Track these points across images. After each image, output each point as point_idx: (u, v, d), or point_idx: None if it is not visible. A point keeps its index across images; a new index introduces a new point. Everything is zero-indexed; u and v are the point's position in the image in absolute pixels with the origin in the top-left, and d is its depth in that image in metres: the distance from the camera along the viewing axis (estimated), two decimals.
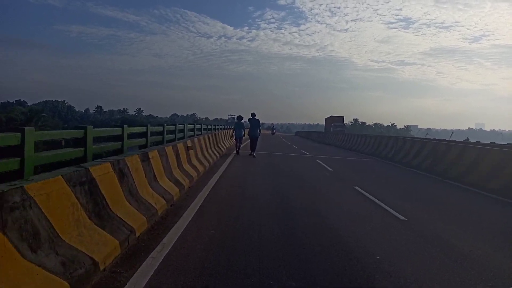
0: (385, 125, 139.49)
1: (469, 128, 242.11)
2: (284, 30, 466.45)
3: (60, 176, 3.04)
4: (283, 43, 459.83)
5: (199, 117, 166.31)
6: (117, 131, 7.95)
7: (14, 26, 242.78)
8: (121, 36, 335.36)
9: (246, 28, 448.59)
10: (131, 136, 8.68)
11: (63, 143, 7.03)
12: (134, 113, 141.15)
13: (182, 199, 6.31)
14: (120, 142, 7.81)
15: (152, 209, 4.84)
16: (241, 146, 16.01)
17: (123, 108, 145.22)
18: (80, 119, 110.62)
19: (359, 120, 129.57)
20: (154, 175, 5.76)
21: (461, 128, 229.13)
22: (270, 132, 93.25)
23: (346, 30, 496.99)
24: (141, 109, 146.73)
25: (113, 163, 4.18)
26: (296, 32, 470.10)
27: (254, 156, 14.82)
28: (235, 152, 15.75)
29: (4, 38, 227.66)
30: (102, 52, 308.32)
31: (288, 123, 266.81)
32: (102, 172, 3.83)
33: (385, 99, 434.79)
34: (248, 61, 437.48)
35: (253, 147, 15.31)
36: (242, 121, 16.30)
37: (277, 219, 5.40)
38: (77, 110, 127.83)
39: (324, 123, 68.11)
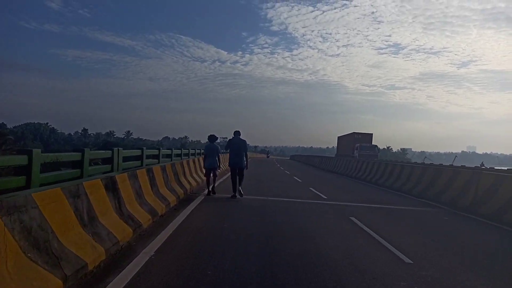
0: (381, 148, 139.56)
1: (462, 151, 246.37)
2: (277, 55, 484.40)
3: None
4: (276, 67, 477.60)
5: (191, 140, 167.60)
6: (75, 156, 6.99)
7: (10, 51, 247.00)
8: (116, 60, 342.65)
9: (240, 52, 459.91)
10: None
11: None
12: (123, 136, 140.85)
13: None
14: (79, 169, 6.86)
15: None
16: (214, 184, 10.77)
17: (110, 131, 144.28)
18: (63, 142, 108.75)
19: None
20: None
21: (454, 151, 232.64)
22: (265, 156, 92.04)
23: (338, 55, 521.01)
24: (130, 132, 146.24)
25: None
26: (289, 56, 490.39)
27: (239, 196, 10.09)
28: (205, 192, 10.44)
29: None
30: (97, 76, 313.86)
31: (282, 146, 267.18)
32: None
33: (376, 122, 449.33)
34: (242, 84, 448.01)
35: (236, 183, 10.22)
36: (217, 142, 11.72)
37: None
38: (60, 132, 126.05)
39: (334, 145, 64.51)
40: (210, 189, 10.43)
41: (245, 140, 10.41)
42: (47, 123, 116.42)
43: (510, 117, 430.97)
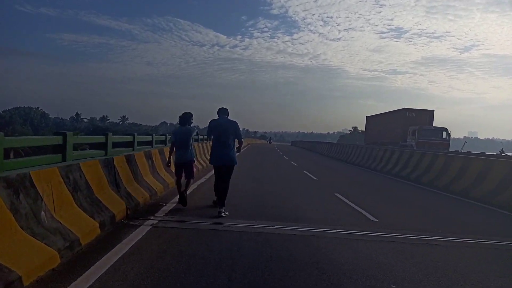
0: None
1: (464, 137, 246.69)
2: (277, 39, 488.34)
3: None
4: (276, 51, 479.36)
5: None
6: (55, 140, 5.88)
7: (5, 35, 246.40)
8: (113, 45, 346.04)
9: (239, 36, 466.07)
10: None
11: None
12: (118, 121, 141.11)
13: None
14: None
15: None
16: (187, 189, 7.01)
17: (104, 116, 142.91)
18: (56, 127, 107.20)
19: (358, 129, 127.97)
20: None
21: (456, 137, 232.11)
22: (265, 142, 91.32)
23: (339, 39, 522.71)
24: (126, 117, 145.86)
25: None
26: (289, 41, 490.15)
27: (224, 214, 6.17)
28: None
29: None
30: (94, 60, 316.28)
31: (282, 132, 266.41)
32: None
33: (377, 107, 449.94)
34: (241, 69, 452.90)
35: (221, 191, 6.43)
36: (193, 125, 7.39)
37: None
38: (51, 117, 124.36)
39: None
40: (183, 190, 6.79)
41: (235, 122, 6.61)
42: (38, 107, 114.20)
43: None
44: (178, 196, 6.85)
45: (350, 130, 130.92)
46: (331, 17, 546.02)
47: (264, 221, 5.86)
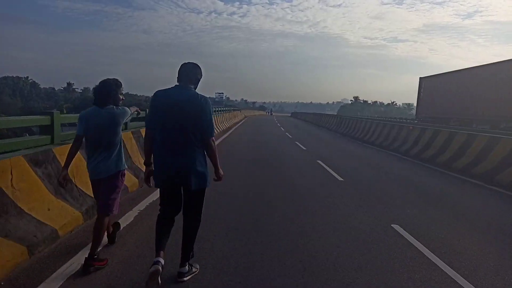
0: (385, 104, 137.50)
1: None
2: (276, 6, 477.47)
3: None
4: (274, 19, 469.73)
5: None
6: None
7: None
8: (108, 12, 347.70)
9: (237, 3, 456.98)
10: None
11: None
12: None
13: None
14: None
15: None
16: (109, 229, 3.77)
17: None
18: (46, 97, 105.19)
19: (359, 98, 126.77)
20: None
21: None
22: (265, 113, 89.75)
23: (339, 5, 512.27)
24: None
25: None
26: (288, 7, 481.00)
27: (185, 278, 3.06)
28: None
29: None
30: (89, 28, 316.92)
31: (280, 102, 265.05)
32: None
33: (377, 76, 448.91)
34: (239, 38, 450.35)
35: (185, 236, 3.18)
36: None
37: None
38: (42, 87, 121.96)
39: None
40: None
41: (206, 100, 3.09)
42: (27, 77, 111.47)
43: None
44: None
45: (351, 100, 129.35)
46: None
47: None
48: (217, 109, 26.16)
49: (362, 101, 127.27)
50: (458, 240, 4.35)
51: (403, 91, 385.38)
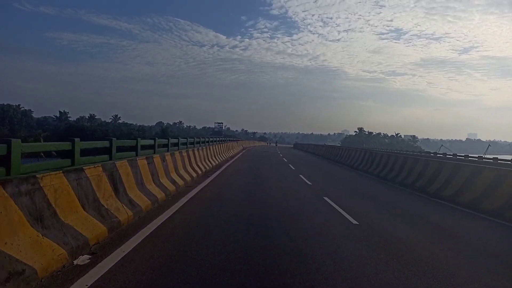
0: (389, 135, 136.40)
1: (467, 139, 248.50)
2: (277, 40, 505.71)
3: None
4: (275, 52, 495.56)
5: (186, 126, 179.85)
6: None
7: (4, 33, 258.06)
8: (113, 44, 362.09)
9: (239, 37, 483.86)
10: None
11: None
12: (110, 120, 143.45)
13: None
14: None
15: None
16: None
17: (91, 114, 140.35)
18: (37, 126, 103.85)
19: (364, 130, 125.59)
20: None
21: (456, 138, 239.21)
22: (266, 143, 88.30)
23: (338, 40, 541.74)
24: (118, 116, 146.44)
25: None
26: (288, 41, 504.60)
27: None
28: None
29: None
30: (94, 60, 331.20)
31: (281, 133, 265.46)
32: None
33: (376, 108, 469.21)
34: (241, 70, 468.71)
35: None
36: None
37: None
38: (35, 116, 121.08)
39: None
40: None
41: None
42: (19, 104, 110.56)
43: (511, 104, 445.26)
44: None
45: (355, 131, 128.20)
46: (331, 18, 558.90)
47: None
48: (202, 140, 21.20)
49: (367, 132, 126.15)
50: None
51: (403, 123, 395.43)
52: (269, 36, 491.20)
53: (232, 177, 14.11)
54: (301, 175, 15.93)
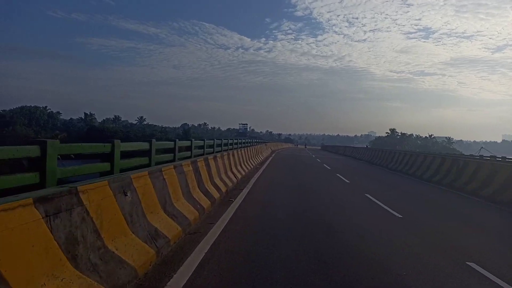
0: (423, 136, 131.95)
1: (503, 140, 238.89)
2: (301, 41, 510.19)
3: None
4: (300, 53, 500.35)
5: (211, 127, 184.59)
6: None
7: (38, 39, 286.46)
8: (141, 49, 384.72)
9: (264, 39, 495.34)
10: None
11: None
12: (135, 122, 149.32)
13: None
14: None
15: None
16: None
17: (116, 116, 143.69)
18: (63, 127, 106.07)
19: (397, 131, 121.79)
20: None
21: (491, 140, 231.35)
22: (293, 145, 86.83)
23: (364, 40, 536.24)
24: (143, 118, 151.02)
25: None
26: (313, 42, 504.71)
27: None
28: None
29: (26, 50, 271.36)
30: (122, 64, 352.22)
31: (306, 134, 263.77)
32: None
33: (404, 109, 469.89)
34: (265, 72, 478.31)
35: None
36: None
37: None
38: (61, 118, 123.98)
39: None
40: None
41: None
42: (46, 106, 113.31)
43: None
44: None
45: (387, 133, 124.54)
46: (357, 18, 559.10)
47: None
48: (228, 142, 18.59)
49: (400, 134, 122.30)
50: None
51: (433, 124, 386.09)
52: (293, 37, 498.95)
53: (271, 196, 10.71)
54: (368, 195, 11.55)
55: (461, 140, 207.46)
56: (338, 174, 18.57)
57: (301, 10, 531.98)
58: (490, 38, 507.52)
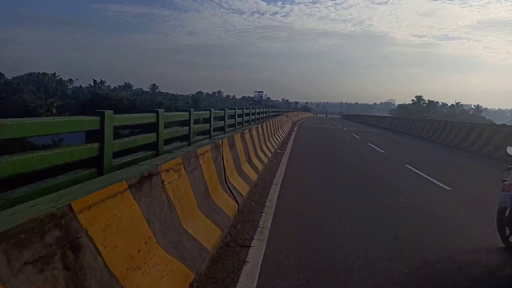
0: (448, 104, 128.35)
1: None
2: (320, 4, 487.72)
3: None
4: (318, 18, 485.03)
5: (225, 95, 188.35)
6: None
7: (52, 6, 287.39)
8: (155, 14, 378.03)
9: (280, 3, 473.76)
10: None
11: None
12: (148, 90, 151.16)
13: None
14: None
15: None
16: None
17: (126, 83, 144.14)
18: (73, 94, 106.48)
19: (423, 98, 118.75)
20: None
21: None
22: (312, 114, 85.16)
23: (386, 2, 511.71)
24: (156, 85, 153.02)
25: None
26: (332, 6, 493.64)
27: None
28: None
29: (38, 17, 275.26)
30: (137, 30, 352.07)
31: (324, 102, 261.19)
32: None
33: (425, 76, 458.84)
34: (281, 37, 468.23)
35: None
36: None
37: None
38: (69, 85, 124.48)
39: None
40: None
41: None
42: (55, 73, 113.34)
43: None
44: None
45: (412, 100, 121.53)
46: None
47: None
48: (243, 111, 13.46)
49: (427, 101, 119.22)
50: None
51: (456, 91, 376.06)
52: (311, 1, 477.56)
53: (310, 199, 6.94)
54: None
55: (486, 107, 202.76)
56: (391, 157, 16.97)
57: None
58: None
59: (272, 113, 24.54)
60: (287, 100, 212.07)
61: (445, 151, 17.77)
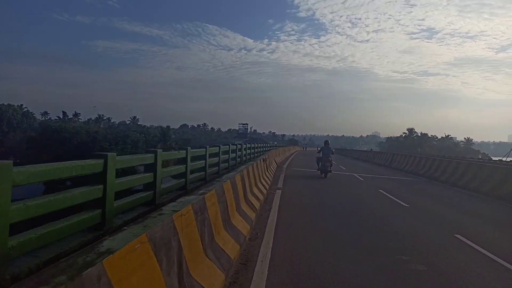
0: (438, 137, 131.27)
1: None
2: (304, 42, 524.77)
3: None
4: (303, 54, 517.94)
5: (210, 128, 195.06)
6: None
7: (43, 43, 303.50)
8: (144, 50, 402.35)
9: (266, 40, 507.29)
10: None
11: None
12: (128, 122, 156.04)
13: None
14: None
15: None
16: None
17: (99, 115, 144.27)
18: (39, 127, 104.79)
19: (415, 131, 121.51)
20: None
21: (496, 141, 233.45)
22: (304, 148, 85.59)
23: (367, 41, 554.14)
24: (137, 117, 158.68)
25: None
26: (316, 43, 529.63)
27: None
28: None
29: (33, 54, 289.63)
30: (127, 66, 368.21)
31: (310, 135, 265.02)
32: None
33: (408, 109, 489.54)
34: (268, 72, 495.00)
35: None
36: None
37: None
38: (38, 118, 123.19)
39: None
40: None
41: None
42: (21, 105, 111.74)
43: None
44: None
45: (404, 133, 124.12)
46: (360, 19, 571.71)
47: None
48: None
49: (419, 134, 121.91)
50: None
51: (439, 124, 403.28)
52: (296, 38, 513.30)
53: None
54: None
55: (469, 138, 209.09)
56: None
57: (304, 11, 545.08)
58: (494, 38, 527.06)
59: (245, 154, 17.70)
60: (274, 132, 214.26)
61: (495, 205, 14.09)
